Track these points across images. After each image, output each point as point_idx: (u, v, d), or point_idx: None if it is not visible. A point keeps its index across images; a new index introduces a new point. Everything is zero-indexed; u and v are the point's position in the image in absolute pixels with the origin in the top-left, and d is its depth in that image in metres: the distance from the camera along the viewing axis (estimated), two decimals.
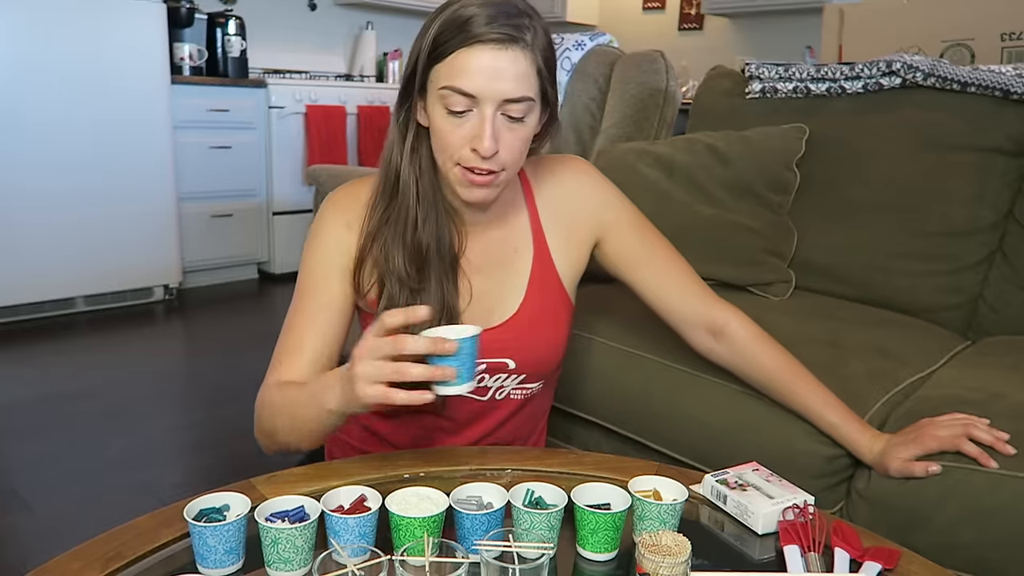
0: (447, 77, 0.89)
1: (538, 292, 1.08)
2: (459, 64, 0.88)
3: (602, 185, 1.13)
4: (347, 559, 0.68)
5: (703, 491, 0.92)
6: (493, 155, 0.91)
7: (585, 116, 2.40)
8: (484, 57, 0.87)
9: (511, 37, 0.87)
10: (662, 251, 1.14)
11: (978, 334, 1.54)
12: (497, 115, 0.90)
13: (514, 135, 0.92)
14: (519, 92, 0.89)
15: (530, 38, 0.89)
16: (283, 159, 3.91)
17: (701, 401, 1.29)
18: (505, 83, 0.88)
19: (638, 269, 1.13)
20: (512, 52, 0.88)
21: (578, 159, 1.16)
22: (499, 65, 0.88)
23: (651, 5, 5.15)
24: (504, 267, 1.08)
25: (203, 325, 3.36)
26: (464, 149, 0.91)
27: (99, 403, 2.39)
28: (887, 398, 1.21)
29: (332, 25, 4.74)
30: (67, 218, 3.15)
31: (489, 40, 0.87)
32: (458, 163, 0.93)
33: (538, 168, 1.11)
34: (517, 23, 0.88)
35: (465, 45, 0.88)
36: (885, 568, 0.77)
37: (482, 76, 0.88)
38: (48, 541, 1.67)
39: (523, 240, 1.09)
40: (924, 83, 1.65)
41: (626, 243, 1.12)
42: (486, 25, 0.87)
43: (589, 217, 1.10)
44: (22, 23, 2.95)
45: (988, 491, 1.00)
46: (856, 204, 1.65)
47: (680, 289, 1.13)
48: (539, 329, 1.08)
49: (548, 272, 1.09)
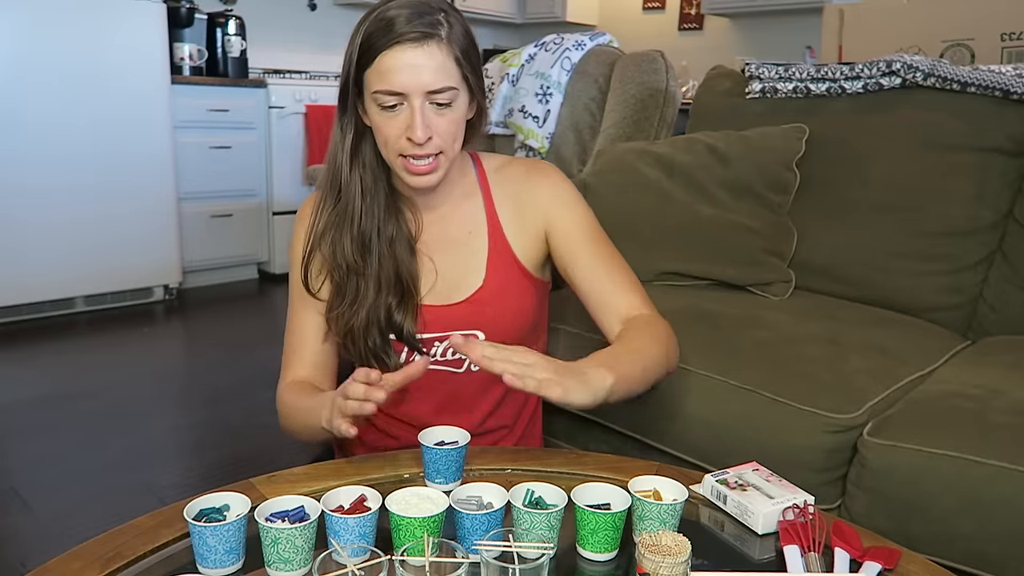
0: (376, 81, 0.98)
1: (498, 268, 1.14)
2: (384, 66, 0.97)
3: (560, 185, 1.18)
4: (347, 559, 0.68)
5: (703, 491, 0.92)
6: (427, 141, 0.99)
7: (585, 116, 2.39)
8: (404, 55, 0.96)
9: (426, 34, 0.96)
10: (605, 253, 1.15)
11: (978, 334, 1.54)
12: (425, 104, 0.99)
13: (444, 119, 1.01)
14: (440, 83, 0.98)
15: (444, 32, 0.98)
16: (283, 159, 3.91)
17: (701, 397, 1.29)
18: (425, 76, 0.97)
19: (575, 266, 1.14)
20: (428, 47, 0.97)
21: (549, 165, 1.21)
22: (418, 61, 0.97)
23: (651, 5, 5.15)
24: (461, 246, 1.14)
25: (203, 325, 3.36)
26: (401, 140, 1.00)
27: (99, 403, 2.39)
28: (887, 394, 1.21)
29: (332, 25, 4.74)
30: (67, 218, 3.15)
31: (407, 39, 0.96)
32: (400, 154, 1.01)
33: (502, 164, 1.19)
34: (431, 20, 0.97)
35: (388, 47, 0.97)
36: (885, 568, 0.77)
37: (404, 73, 0.97)
38: (48, 541, 1.67)
39: (477, 221, 1.15)
40: (924, 83, 1.65)
41: (570, 240, 1.15)
42: (404, 25, 0.96)
43: (540, 209, 1.15)
44: (22, 23, 2.95)
45: (987, 484, 1.00)
46: (856, 204, 1.65)
47: (610, 286, 1.13)
48: (504, 299, 1.14)
49: (504, 249, 1.15)
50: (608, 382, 0.91)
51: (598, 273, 1.13)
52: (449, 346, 1.10)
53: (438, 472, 0.90)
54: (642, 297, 1.13)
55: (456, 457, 0.91)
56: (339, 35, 4.78)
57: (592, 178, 1.82)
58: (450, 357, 1.13)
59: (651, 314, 1.11)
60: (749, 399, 1.23)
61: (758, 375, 1.25)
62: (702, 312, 1.46)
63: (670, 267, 1.66)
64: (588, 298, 1.14)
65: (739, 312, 1.46)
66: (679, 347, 1.12)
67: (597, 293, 1.13)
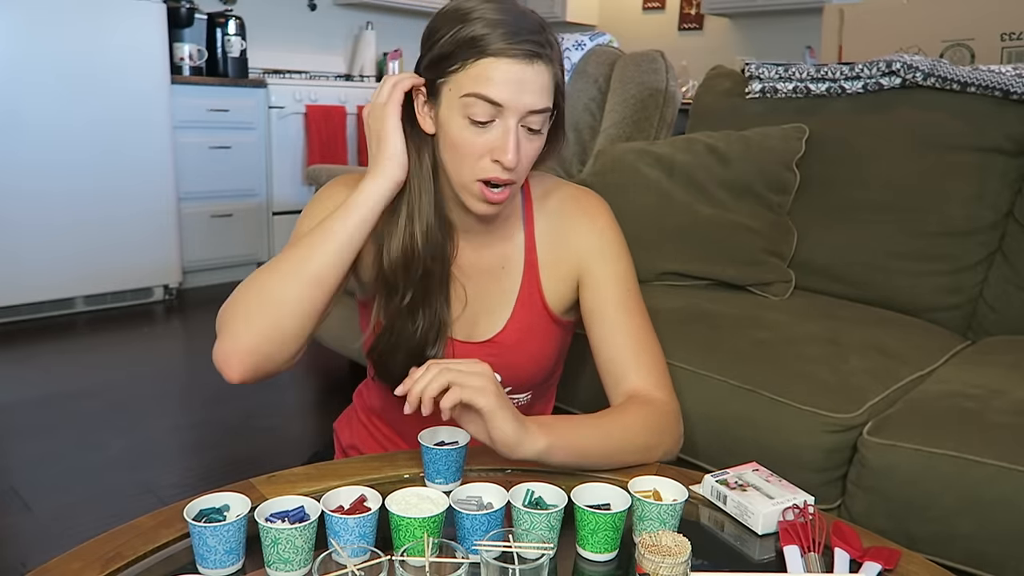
0: (472, 84, 0.89)
1: (525, 310, 1.07)
2: (485, 73, 0.88)
3: (606, 233, 1.08)
4: (347, 559, 0.68)
5: (703, 491, 0.92)
6: (516, 166, 0.91)
7: (585, 116, 2.39)
8: (512, 69, 0.88)
9: (535, 53, 0.89)
10: (634, 323, 1.05)
11: (978, 334, 1.54)
12: (519, 127, 0.91)
13: (531, 146, 0.93)
14: (542, 103, 0.91)
15: (551, 53, 0.91)
16: (283, 159, 3.91)
17: (701, 396, 1.29)
18: (531, 95, 0.89)
19: (599, 326, 1.05)
20: (536, 66, 0.89)
21: (597, 198, 1.11)
22: (525, 77, 0.89)
23: (651, 5, 5.15)
24: (492, 279, 1.07)
25: (203, 325, 3.36)
26: (484, 159, 0.91)
27: (99, 403, 2.39)
28: (887, 394, 1.21)
29: (332, 25, 4.74)
30: (67, 218, 3.15)
31: (516, 54, 0.88)
32: (480, 178, 0.92)
33: (551, 189, 1.10)
34: (539, 39, 0.90)
35: (489, 55, 0.88)
36: (885, 568, 0.77)
37: (509, 87, 0.88)
38: (48, 541, 1.67)
39: (514, 257, 1.07)
40: (924, 83, 1.65)
41: (601, 298, 1.06)
42: (512, 37, 0.88)
43: (578, 254, 1.07)
44: (22, 23, 2.95)
45: (987, 484, 1.00)
46: (856, 204, 1.65)
47: (629, 360, 1.03)
48: (524, 347, 1.07)
49: (535, 291, 1.07)
50: (539, 444, 0.86)
51: (619, 341, 1.04)
52: None
53: (438, 472, 0.90)
54: (659, 378, 1.03)
55: (456, 457, 0.91)
56: (339, 35, 4.80)
57: (592, 178, 1.82)
58: None
59: (662, 399, 1.02)
60: (749, 399, 1.23)
61: (758, 375, 1.25)
62: (702, 312, 1.46)
63: (670, 267, 1.66)
64: (602, 364, 1.05)
65: (739, 312, 1.46)
66: (681, 437, 1.03)
67: (612, 362, 1.04)
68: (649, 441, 0.97)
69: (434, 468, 0.90)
